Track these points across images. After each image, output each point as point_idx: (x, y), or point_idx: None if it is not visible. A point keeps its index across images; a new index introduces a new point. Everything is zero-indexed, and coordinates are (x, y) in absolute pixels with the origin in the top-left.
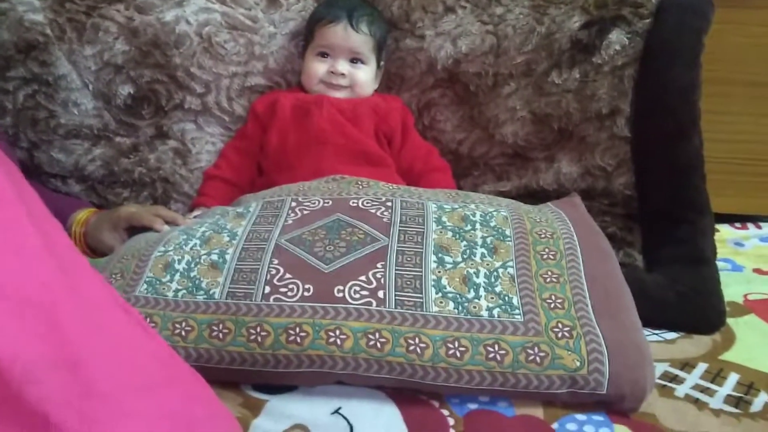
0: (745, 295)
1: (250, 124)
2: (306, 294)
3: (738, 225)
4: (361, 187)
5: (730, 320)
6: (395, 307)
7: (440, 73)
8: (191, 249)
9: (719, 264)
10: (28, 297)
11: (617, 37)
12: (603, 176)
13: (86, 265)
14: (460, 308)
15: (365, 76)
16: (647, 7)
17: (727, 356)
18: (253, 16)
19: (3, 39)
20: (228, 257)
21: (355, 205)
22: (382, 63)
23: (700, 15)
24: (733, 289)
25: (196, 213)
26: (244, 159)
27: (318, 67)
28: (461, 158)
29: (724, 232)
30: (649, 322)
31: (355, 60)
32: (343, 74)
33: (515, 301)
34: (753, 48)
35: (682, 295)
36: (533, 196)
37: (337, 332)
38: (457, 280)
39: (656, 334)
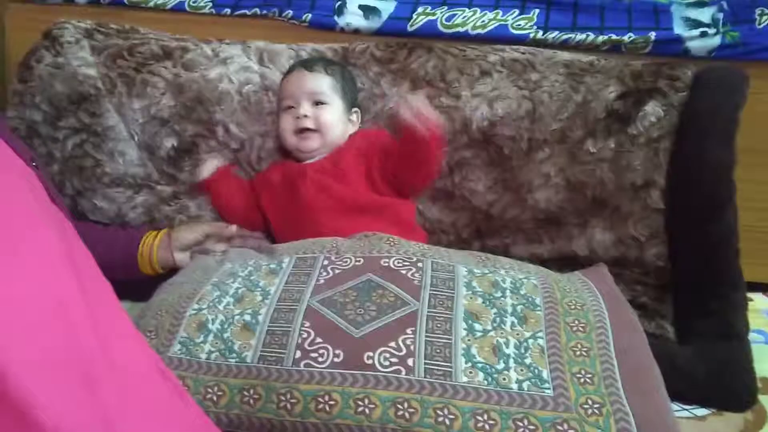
0: None
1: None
2: (336, 360)
3: None
4: (392, 245)
5: (762, 397)
6: (424, 376)
7: (475, 133)
8: (225, 308)
9: (753, 336)
10: (72, 363)
11: (653, 109)
12: (636, 246)
13: (128, 325)
14: (490, 379)
15: (330, 117)
16: (683, 80)
17: None
18: None
19: (57, 91)
20: (260, 318)
21: (386, 264)
22: (356, 109)
23: (735, 91)
24: (765, 364)
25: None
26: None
27: (286, 120)
28: (492, 219)
29: (758, 302)
30: (679, 396)
31: (317, 102)
32: (306, 116)
33: (545, 374)
34: None
35: (713, 371)
36: (564, 260)
37: (366, 401)
38: (487, 349)
39: (686, 409)
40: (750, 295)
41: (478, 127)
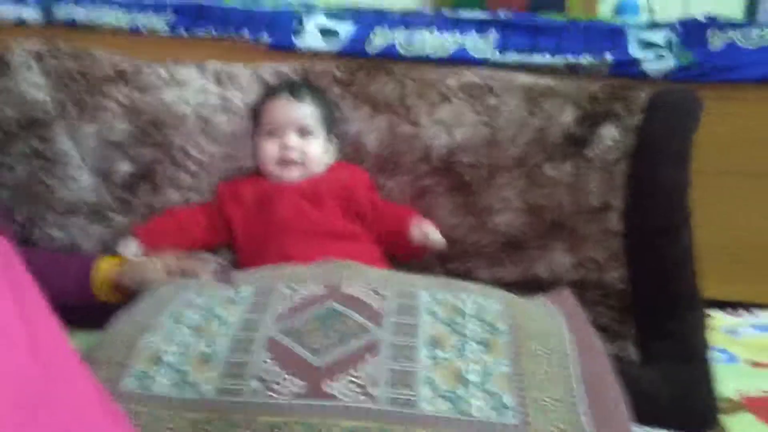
0: (739, 391)
1: (217, 201)
2: (297, 390)
3: (731, 311)
4: (354, 272)
5: (724, 417)
6: (387, 405)
7: (435, 161)
8: (181, 338)
9: (714, 354)
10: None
11: (609, 132)
12: (596, 268)
13: (75, 360)
14: (453, 408)
15: (315, 150)
16: (638, 103)
17: None
18: (248, 101)
19: (5, 115)
20: (218, 349)
21: (348, 292)
22: (333, 140)
23: (689, 115)
24: (726, 384)
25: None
26: (207, 218)
27: (269, 148)
28: (454, 243)
29: (718, 319)
30: (642, 419)
31: (303, 133)
32: (293, 147)
33: (508, 401)
34: (741, 139)
35: (675, 393)
36: (528, 284)
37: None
38: (450, 376)
39: (648, 431)
40: (711, 312)
41: (438, 155)
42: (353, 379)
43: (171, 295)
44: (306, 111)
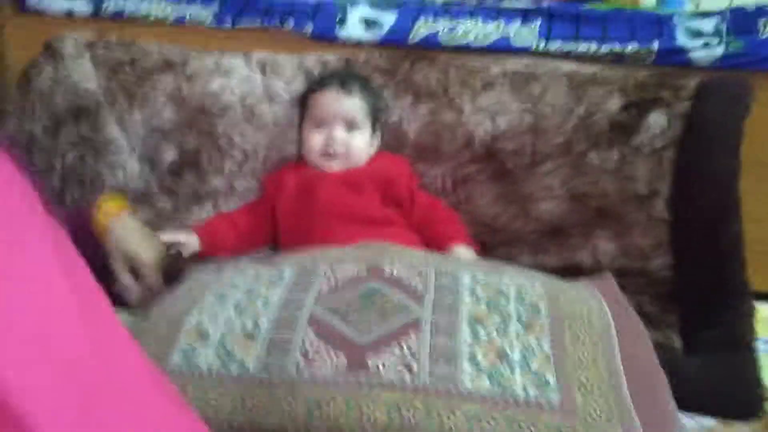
0: None
1: (261, 198)
2: (340, 366)
3: None
4: (394, 253)
5: None
6: (429, 381)
7: (478, 148)
8: (225, 317)
9: (759, 345)
10: (71, 379)
11: (657, 120)
12: (641, 256)
13: (125, 335)
14: (496, 385)
15: (360, 144)
16: (687, 91)
17: None
18: (292, 90)
19: (57, 103)
20: (262, 327)
21: (388, 273)
22: (377, 132)
23: (739, 102)
24: None
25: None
26: (255, 218)
27: (316, 139)
28: (496, 232)
29: (764, 312)
30: (685, 406)
31: (350, 127)
32: (339, 141)
33: (551, 381)
34: None
35: (720, 381)
36: (570, 271)
37: (371, 406)
38: (492, 354)
39: (693, 419)
40: (756, 304)
41: (481, 142)
42: (395, 355)
43: (213, 276)
44: (354, 105)
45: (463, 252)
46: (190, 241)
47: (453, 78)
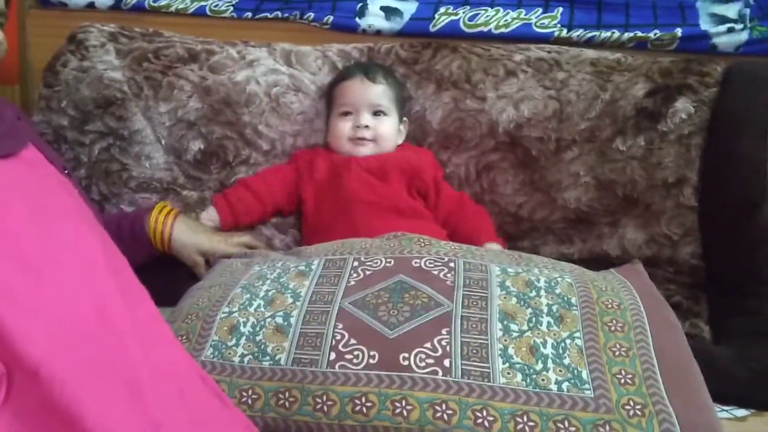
0: None
1: (289, 165)
2: (371, 361)
3: None
4: (422, 245)
5: None
6: (462, 377)
7: (501, 136)
8: (255, 310)
9: None
10: (117, 370)
11: (683, 106)
12: (668, 245)
13: (168, 331)
14: (529, 380)
15: (388, 129)
16: (713, 76)
17: None
18: (317, 80)
19: (83, 95)
20: (293, 320)
21: (417, 265)
22: (405, 119)
23: (767, 87)
24: None
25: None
26: (277, 184)
27: (343, 126)
28: (521, 221)
29: None
30: (717, 397)
31: (376, 113)
32: (367, 126)
33: (584, 375)
34: None
35: (754, 371)
36: (596, 261)
37: (403, 402)
38: (524, 350)
39: (725, 410)
40: None
41: (504, 129)
42: (427, 351)
43: (242, 268)
44: (379, 91)
45: (495, 249)
46: (211, 216)
47: (475, 66)
